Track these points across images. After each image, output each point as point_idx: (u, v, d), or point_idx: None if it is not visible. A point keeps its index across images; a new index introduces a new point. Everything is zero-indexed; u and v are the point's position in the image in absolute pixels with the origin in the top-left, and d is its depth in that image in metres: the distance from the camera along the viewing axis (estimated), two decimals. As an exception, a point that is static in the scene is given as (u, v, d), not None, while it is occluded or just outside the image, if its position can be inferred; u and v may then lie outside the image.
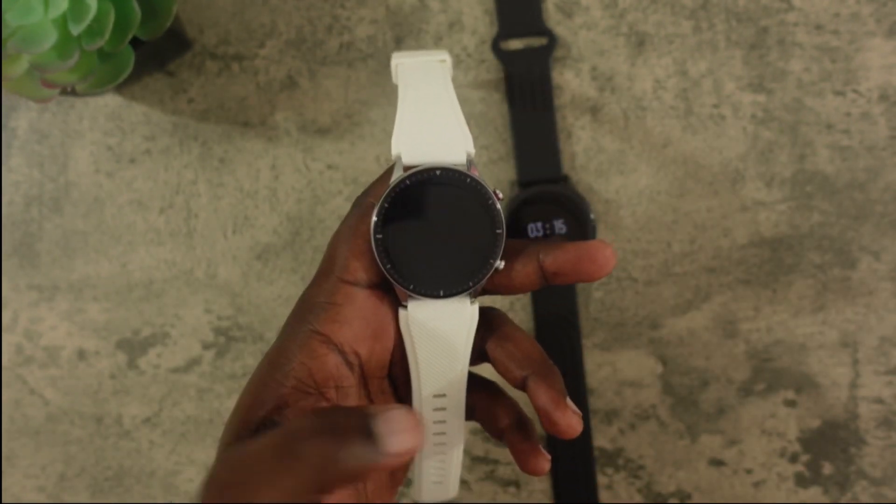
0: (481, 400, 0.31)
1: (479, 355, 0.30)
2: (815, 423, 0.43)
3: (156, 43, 0.40)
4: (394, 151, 0.28)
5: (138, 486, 0.46)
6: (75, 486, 0.46)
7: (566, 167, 0.44)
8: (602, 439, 0.44)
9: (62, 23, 0.36)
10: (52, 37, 0.36)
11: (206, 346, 0.45)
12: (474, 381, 0.30)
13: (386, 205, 0.27)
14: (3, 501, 0.46)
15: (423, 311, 0.28)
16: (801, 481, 0.44)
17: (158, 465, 0.45)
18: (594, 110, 0.44)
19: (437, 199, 0.27)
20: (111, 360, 0.45)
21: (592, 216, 0.43)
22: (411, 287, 0.27)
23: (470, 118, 0.44)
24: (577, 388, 0.43)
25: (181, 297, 0.45)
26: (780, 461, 0.44)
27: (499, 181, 0.44)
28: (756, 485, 0.44)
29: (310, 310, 0.28)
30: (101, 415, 0.45)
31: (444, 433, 0.31)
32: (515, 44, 0.43)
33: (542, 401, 0.28)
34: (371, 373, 0.29)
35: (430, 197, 0.27)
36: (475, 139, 0.44)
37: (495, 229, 0.28)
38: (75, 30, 0.36)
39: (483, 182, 0.28)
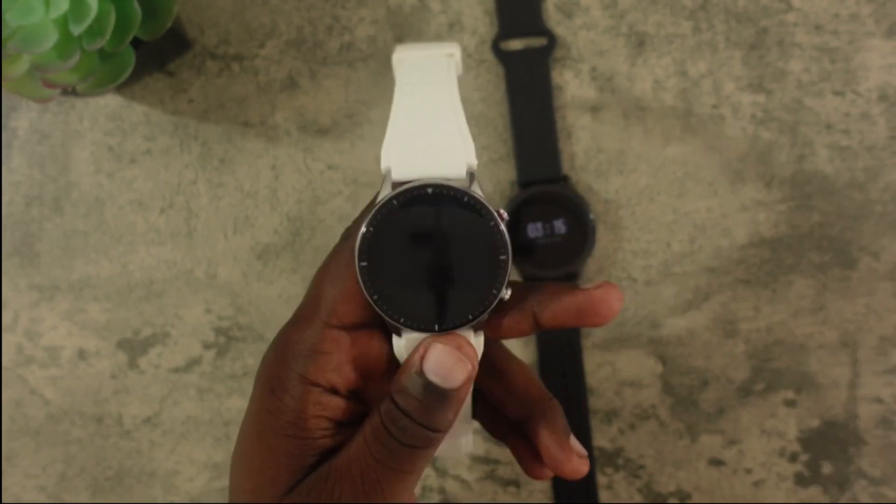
0: (482, 405, 0.30)
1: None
2: (814, 423, 0.43)
3: (156, 43, 0.40)
4: (383, 164, 0.25)
5: (138, 485, 0.46)
6: (76, 485, 0.46)
7: (566, 167, 0.44)
8: (602, 439, 0.44)
9: (63, 23, 0.36)
10: (52, 37, 0.36)
11: (206, 346, 0.45)
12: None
13: (371, 228, 0.24)
14: (4, 501, 0.46)
15: (419, 341, 0.25)
16: (800, 481, 0.44)
17: (159, 465, 0.45)
18: (594, 110, 0.44)
19: (431, 221, 0.24)
20: (111, 360, 0.45)
21: (592, 216, 0.43)
22: (402, 321, 0.25)
23: (470, 118, 0.44)
24: (577, 388, 0.43)
25: (181, 297, 0.45)
26: (779, 461, 0.44)
27: (499, 181, 0.44)
28: (756, 484, 0.44)
29: (294, 358, 0.26)
30: (102, 415, 0.45)
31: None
32: (515, 44, 0.44)
33: (544, 444, 0.27)
34: (371, 399, 0.28)
35: (423, 219, 0.24)
36: (475, 139, 0.44)
37: (499, 256, 0.25)
38: (76, 30, 0.36)
39: (484, 201, 0.24)
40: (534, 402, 0.28)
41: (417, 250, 0.24)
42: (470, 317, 0.25)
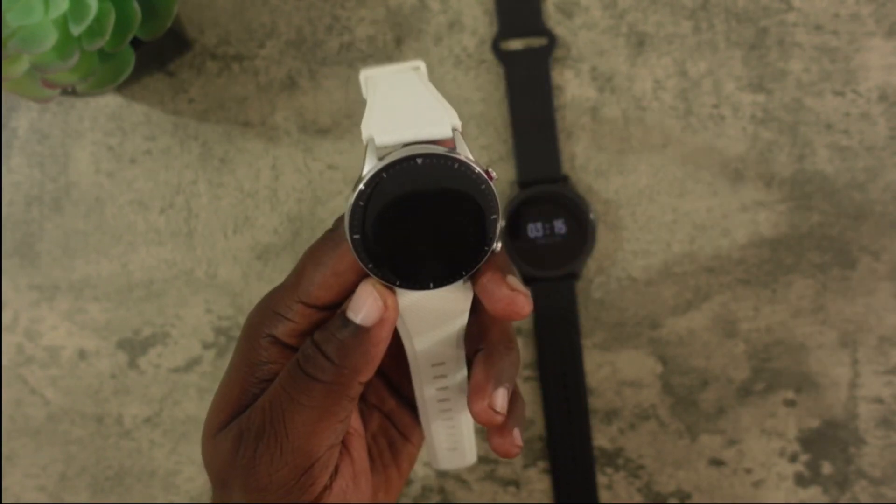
0: None
1: None
2: (814, 423, 0.43)
3: (156, 43, 0.40)
4: (364, 135, 0.24)
5: (139, 485, 0.46)
6: (76, 485, 0.46)
7: (566, 167, 0.44)
8: (602, 439, 0.44)
9: (63, 23, 0.36)
10: (52, 37, 0.36)
11: (206, 346, 0.45)
12: None
13: (361, 203, 0.24)
14: (4, 501, 0.46)
15: (413, 297, 0.26)
16: (800, 481, 0.44)
17: (159, 465, 0.46)
18: (594, 110, 0.44)
19: (422, 191, 0.24)
20: (112, 359, 0.45)
21: (592, 216, 0.43)
22: (398, 283, 0.25)
23: (470, 118, 0.44)
24: (577, 389, 0.43)
25: (182, 297, 0.45)
26: (779, 461, 0.44)
27: (498, 181, 0.44)
28: (756, 484, 0.44)
29: (269, 316, 0.28)
30: (102, 414, 0.45)
31: (448, 399, 0.30)
32: (515, 44, 0.44)
33: (472, 380, 0.28)
34: None
35: (413, 190, 0.24)
36: (475, 139, 0.44)
37: (490, 216, 0.25)
38: (76, 30, 0.36)
39: (473, 164, 0.24)
40: (487, 340, 0.29)
41: (410, 219, 0.24)
42: (462, 272, 0.26)
